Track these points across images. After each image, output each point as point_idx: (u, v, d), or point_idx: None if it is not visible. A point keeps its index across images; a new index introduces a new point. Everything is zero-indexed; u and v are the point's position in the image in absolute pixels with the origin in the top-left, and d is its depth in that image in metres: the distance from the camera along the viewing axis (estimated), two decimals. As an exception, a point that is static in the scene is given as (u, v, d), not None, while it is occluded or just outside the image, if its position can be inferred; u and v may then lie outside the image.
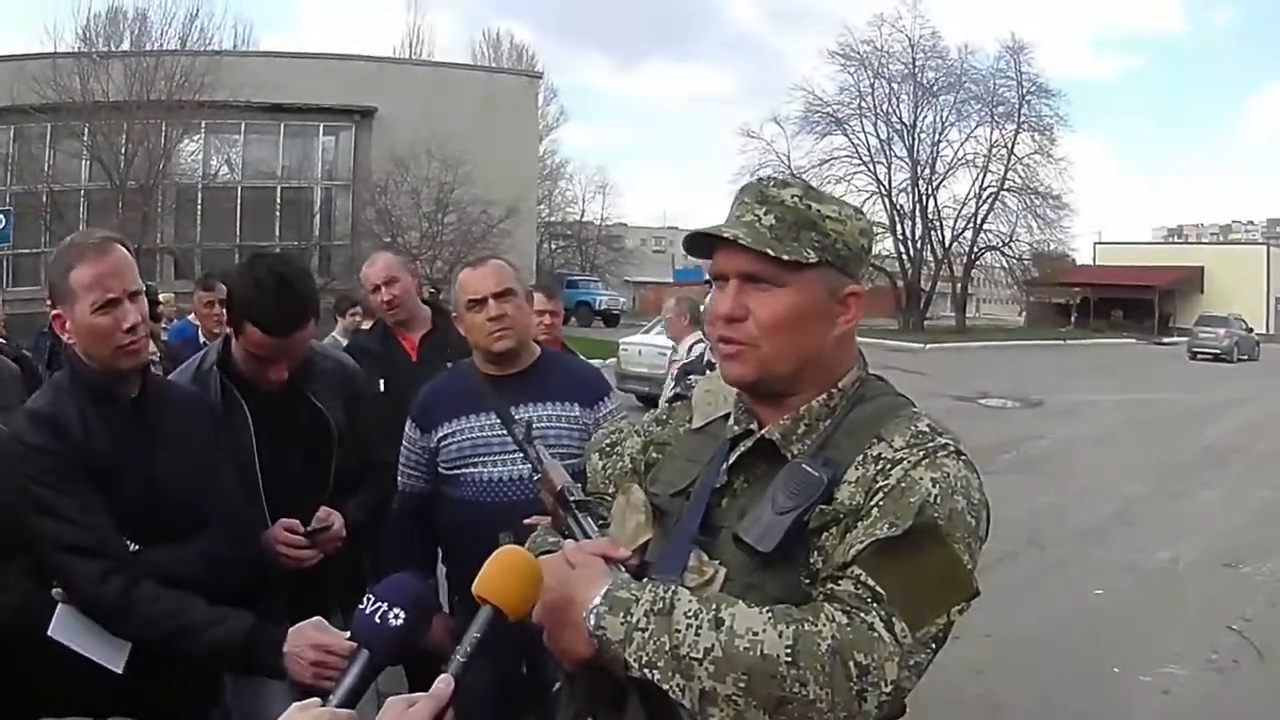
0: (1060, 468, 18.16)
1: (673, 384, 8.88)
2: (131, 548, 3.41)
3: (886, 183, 59.98)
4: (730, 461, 2.47)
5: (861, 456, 2.31)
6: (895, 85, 59.93)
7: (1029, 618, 9.59)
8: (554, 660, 2.40)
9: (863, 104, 60.03)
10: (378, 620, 2.11)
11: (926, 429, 2.36)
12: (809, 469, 2.30)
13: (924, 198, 60.06)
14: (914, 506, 2.18)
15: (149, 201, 37.67)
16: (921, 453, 2.28)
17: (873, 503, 2.23)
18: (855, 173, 59.91)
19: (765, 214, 2.38)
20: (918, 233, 59.79)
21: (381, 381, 5.72)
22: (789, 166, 57.94)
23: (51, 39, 40.30)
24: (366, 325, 9.48)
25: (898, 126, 59.98)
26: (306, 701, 2.04)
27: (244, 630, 3.27)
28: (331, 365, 4.46)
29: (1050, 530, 13.04)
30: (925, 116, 60.27)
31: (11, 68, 37.42)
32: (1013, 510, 12.89)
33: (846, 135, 60.35)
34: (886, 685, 2.06)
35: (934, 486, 2.21)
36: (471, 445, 4.62)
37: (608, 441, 2.88)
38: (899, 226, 59.70)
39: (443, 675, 1.97)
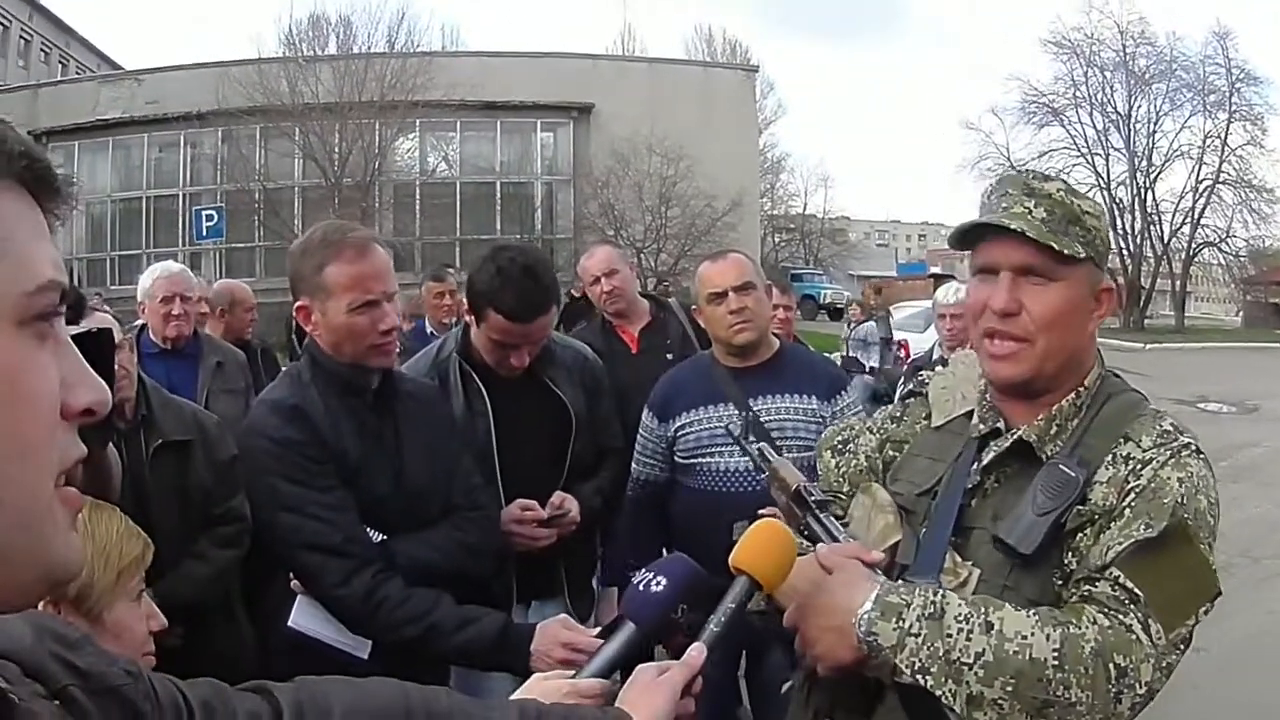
0: (1274, 476, 17.47)
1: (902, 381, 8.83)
2: (377, 537, 3.42)
3: (1105, 175, 57.99)
4: (985, 462, 2.46)
5: (1111, 456, 2.35)
6: (1108, 74, 57.74)
7: (1241, 632, 9.21)
8: (783, 656, 2.38)
9: (1077, 93, 58.16)
10: (641, 588, 2.10)
11: (1170, 428, 2.39)
12: (1066, 469, 2.31)
13: (1142, 191, 57.91)
14: (1167, 507, 2.20)
15: (367, 197, 38.48)
16: (1168, 453, 2.30)
17: (1125, 503, 2.25)
18: (1074, 165, 57.83)
19: (1035, 207, 2.40)
20: (1137, 228, 57.97)
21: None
22: (1008, 158, 56.75)
23: (255, 45, 41.66)
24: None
25: (1113, 117, 57.91)
26: (551, 674, 2.08)
27: (494, 633, 3.25)
28: (571, 354, 4.48)
29: (1264, 542, 12.50)
30: (1139, 106, 57.86)
31: (216, 73, 38.74)
32: (1227, 520, 12.39)
33: (1063, 126, 58.54)
34: (1141, 687, 2.10)
35: (1181, 486, 2.25)
36: (710, 435, 4.62)
37: (840, 439, 2.90)
38: (1119, 221, 57.96)
39: (695, 644, 1.96)
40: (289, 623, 3.43)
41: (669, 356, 5.75)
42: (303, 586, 3.43)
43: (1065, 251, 2.34)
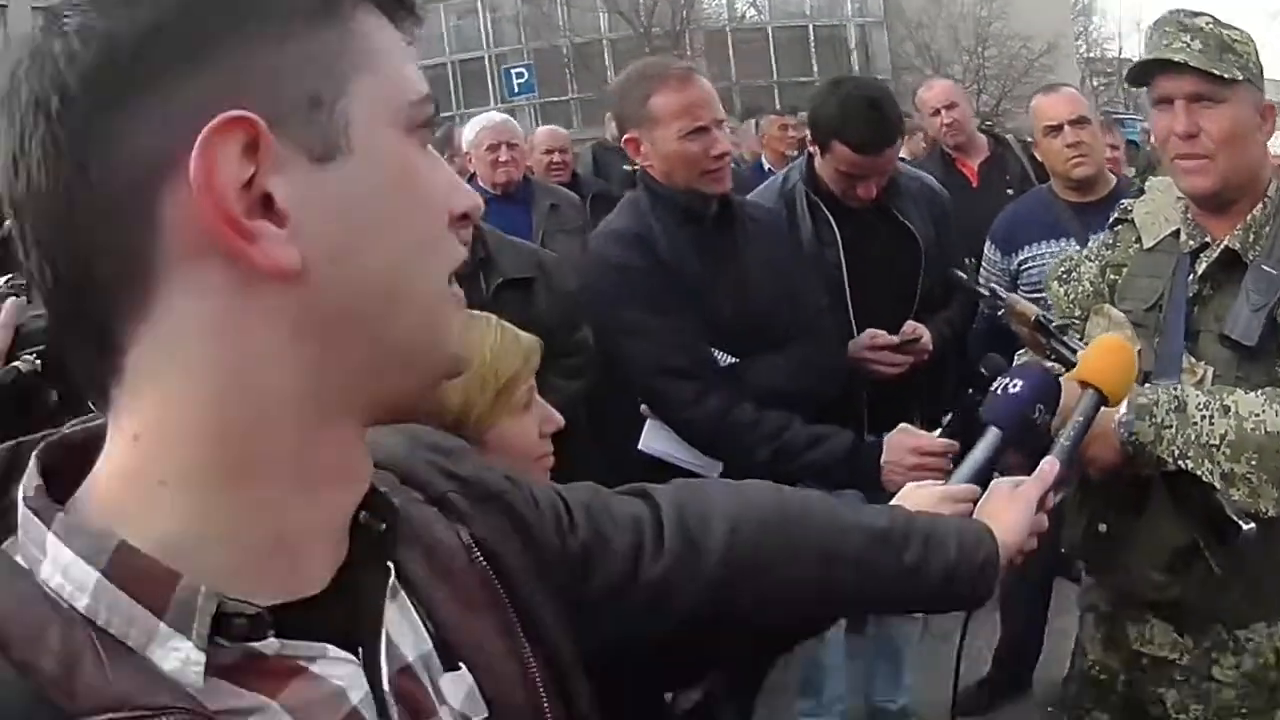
0: None
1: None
2: (725, 360, 3.46)
3: None
4: (1200, 272, 2.75)
5: None
6: None
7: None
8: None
9: None
10: (999, 392, 2.17)
11: None
12: (1268, 269, 2.62)
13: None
14: None
15: (678, 46, 38.38)
16: None
17: None
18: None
19: (1192, 40, 2.65)
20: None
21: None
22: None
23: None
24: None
25: None
26: (925, 482, 2.15)
27: (843, 450, 3.30)
28: (918, 185, 4.41)
29: None
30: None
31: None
32: None
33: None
34: None
35: None
36: None
37: (1063, 270, 3.18)
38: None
39: (1047, 458, 2.05)
40: (639, 445, 3.49)
41: (1009, 192, 5.66)
42: (652, 410, 3.49)
43: (1225, 76, 2.61)
